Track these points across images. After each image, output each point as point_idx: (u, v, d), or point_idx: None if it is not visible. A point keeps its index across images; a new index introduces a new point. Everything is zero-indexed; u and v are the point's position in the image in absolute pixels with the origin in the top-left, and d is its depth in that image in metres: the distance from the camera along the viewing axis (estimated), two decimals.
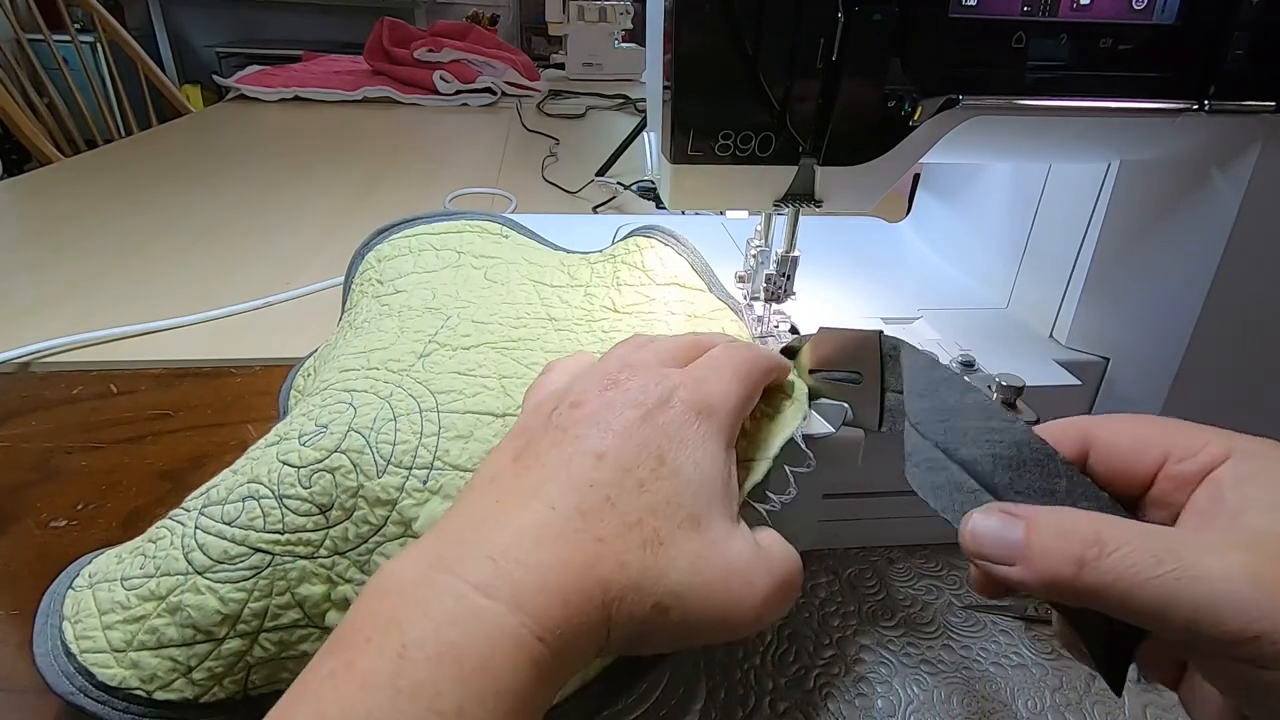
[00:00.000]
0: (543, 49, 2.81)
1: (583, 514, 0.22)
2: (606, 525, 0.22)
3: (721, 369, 0.27)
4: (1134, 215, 0.38)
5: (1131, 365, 0.39)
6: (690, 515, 0.23)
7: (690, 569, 0.22)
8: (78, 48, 1.50)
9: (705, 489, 0.24)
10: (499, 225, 0.47)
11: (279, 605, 0.27)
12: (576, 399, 0.25)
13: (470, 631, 0.19)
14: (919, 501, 0.26)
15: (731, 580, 0.23)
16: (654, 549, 0.22)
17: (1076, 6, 0.30)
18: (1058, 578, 0.19)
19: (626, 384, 0.26)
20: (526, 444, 0.25)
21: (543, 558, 0.20)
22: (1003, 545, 0.21)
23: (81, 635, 0.26)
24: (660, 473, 0.23)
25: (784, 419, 0.30)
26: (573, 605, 0.20)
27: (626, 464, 0.23)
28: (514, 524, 0.21)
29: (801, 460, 0.29)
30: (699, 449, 0.24)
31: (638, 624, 0.21)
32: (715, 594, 0.22)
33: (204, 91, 3.11)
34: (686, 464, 0.24)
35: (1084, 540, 0.19)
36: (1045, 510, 0.21)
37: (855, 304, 0.45)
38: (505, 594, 0.19)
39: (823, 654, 0.33)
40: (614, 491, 0.22)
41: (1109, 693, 0.32)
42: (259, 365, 0.53)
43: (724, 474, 0.25)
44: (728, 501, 0.24)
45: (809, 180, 0.33)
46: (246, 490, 0.28)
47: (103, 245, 0.73)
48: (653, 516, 0.22)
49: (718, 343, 0.31)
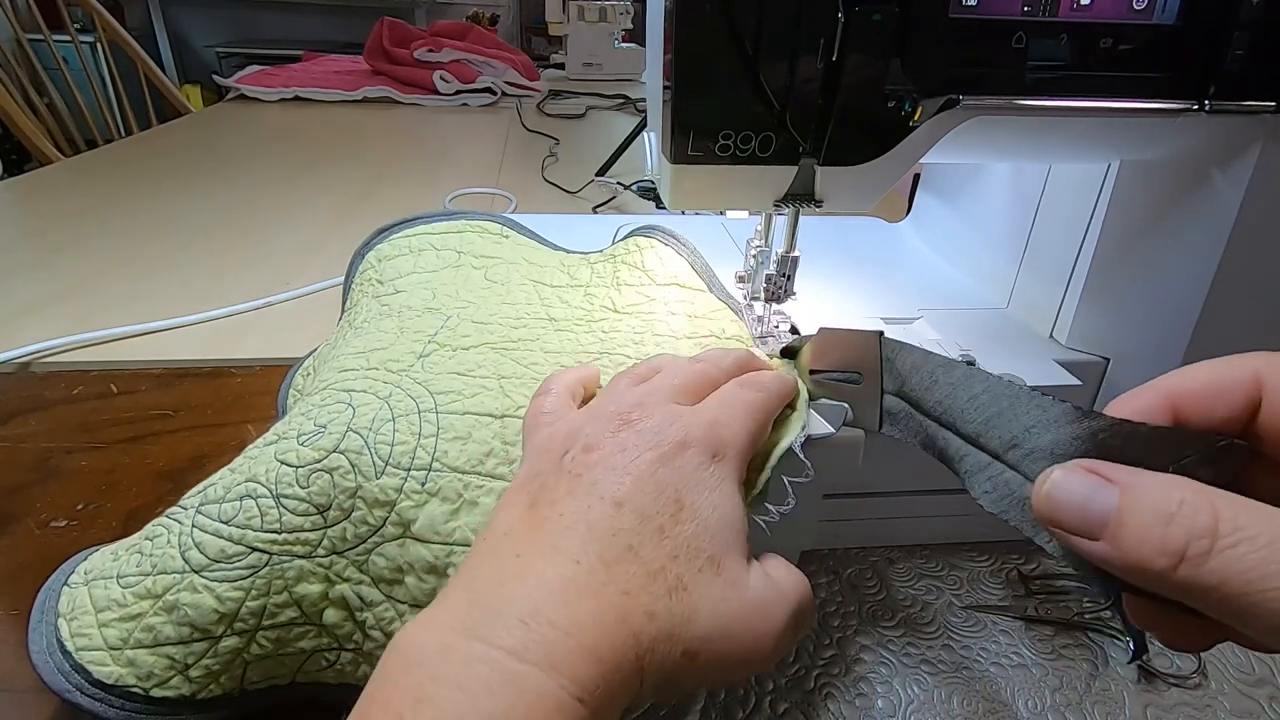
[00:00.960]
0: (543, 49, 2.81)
1: (607, 565, 0.21)
2: (631, 577, 0.21)
3: (734, 408, 0.27)
4: (1134, 215, 0.38)
5: (1131, 365, 0.39)
6: (710, 558, 0.23)
7: (713, 613, 0.22)
8: (78, 48, 1.50)
9: (723, 531, 0.24)
10: (499, 225, 0.47)
11: (276, 604, 0.27)
12: (589, 442, 0.25)
13: (509, 700, 0.18)
14: (919, 501, 0.26)
15: (752, 618, 0.23)
16: (679, 596, 0.22)
17: (1076, 6, 0.30)
18: (1148, 568, 0.16)
19: (639, 425, 0.25)
20: (540, 491, 0.24)
21: (574, 616, 0.20)
22: (1086, 515, 0.18)
23: (77, 633, 0.26)
24: (679, 517, 0.23)
25: (785, 430, 0.30)
26: (607, 662, 0.20)
27: (646, 510, 0.23)
28: (539, 582, 0.21)
29: (800, 470, 0.29)
30: (715, 491, 0.24)
31: (669, 671, 0.21)
32: (738, 633, 0.22)
33: (204, 91, 3.11)
34: (704, 507, 0.24)
35: (1191, 530, 0.16)
36: (1149, 478, 0.17)
37: (855, 304, 0.45)
38: (540, 657, 0.19)
39: (823, 654, 0.33)
40: (635, 540, 0.22)
41: (1109, 693, 0.32)
42: (259, 365, 0.53)
43: (740, 513, 0.25)
44: (742, 540, 0.24)
45: (809, 180, 0.33)
46: (244, 489, 0.28)
47: (103, 245, 0.73)
48: (674, 563, 0.22)
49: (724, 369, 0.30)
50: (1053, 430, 0.22)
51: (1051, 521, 0.19)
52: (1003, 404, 0.24)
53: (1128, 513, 0.17)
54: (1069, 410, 0.22)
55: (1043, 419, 0.22)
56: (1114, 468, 0.18)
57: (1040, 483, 0.19)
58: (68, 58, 1.42)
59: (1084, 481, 0.18)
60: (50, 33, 1.45)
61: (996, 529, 0.38)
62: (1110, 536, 0.17)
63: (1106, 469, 0.18)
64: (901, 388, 0.30)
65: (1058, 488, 0.18)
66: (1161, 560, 0.16)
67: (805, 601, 0.25)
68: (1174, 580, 0.16)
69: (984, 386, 0.26)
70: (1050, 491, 0.19)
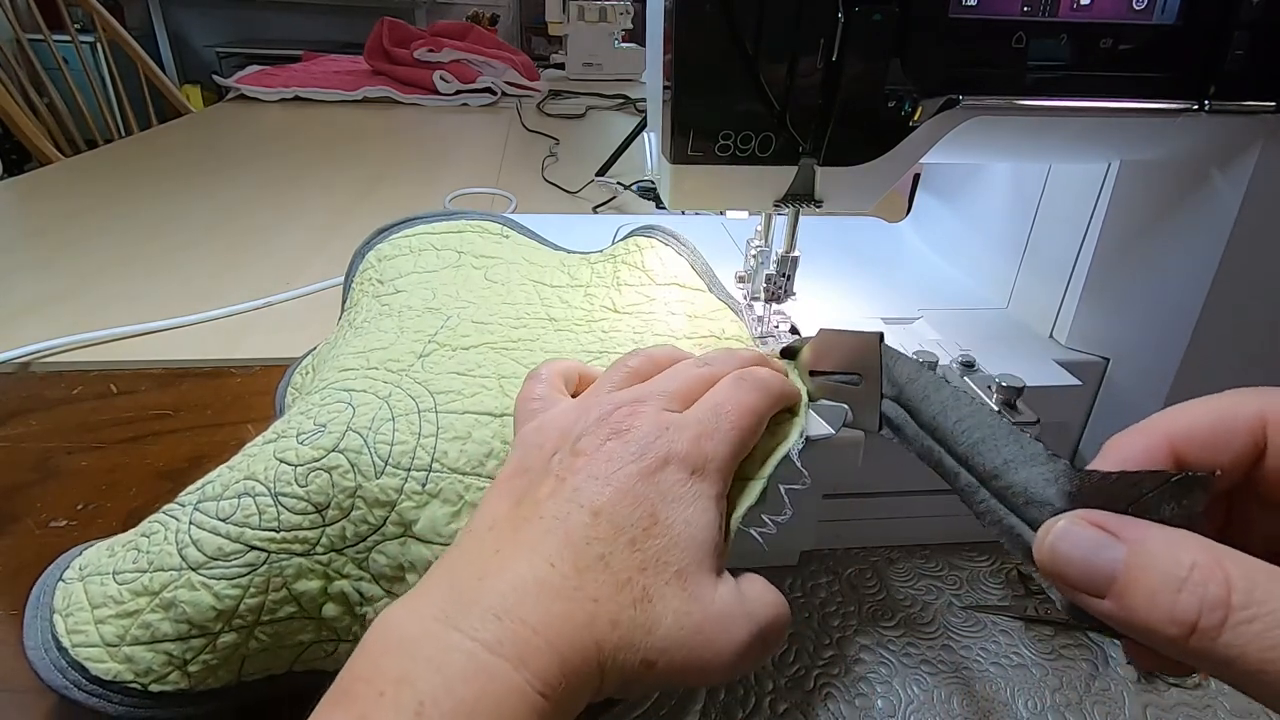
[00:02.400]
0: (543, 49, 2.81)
1: (579, 572, 0.22)
2: (600, 585, 0.22)
3: (723, 418, 0.27)
4: (1134, 215, 0.38)
5: (1131, 365, 0.39)
6: (678, 571, 0.23)
7: (674, 624, 0.23)
8: (78, 48, 1.50)
9: (693, 546, 0.24)
10: (499, 225, 0.47)
11: (275, 601, 0.27)
12: (576, 446, 0.26)
13: (481, 688, 0.19)
14: (919, 501, 0.26)
15: (712, 632, 0.23)
16: (643, 607, 0.23)
17: (1076, 6, 0.30)
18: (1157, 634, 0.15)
19: (627, 435, 0.26)
20: (526, 489, 0.25)
21: (543, 617, 0.21)
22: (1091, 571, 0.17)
23: (73, 629, 0.26)
24: (652, 531, 0.24)
25: (780, 437, 0.30)
26: (570, 663, 0.21)
27: (621, 523, 0.24)
28: (515, 580, 0.22)
29: (796, 477, 0.29)
30: (690, 506, 0.25)
31: (626, 676, 0.22)
32: (696, 646, 0.23)
33: (204, 91, 3.11)
34: (678, 522, 0.24)
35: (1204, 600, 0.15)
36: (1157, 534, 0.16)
37: (855, 304, 0.45)
38: (511, 652, 0.20)
39: (823, 654, 0.33)
40: (607, 550, 0.23)
41: (1109, 693, 0.32)
42: (259, 365, 0.53)
43: (712, 529, 0.25)
44: (713, 555, 0.25)
45: (809, 180, 0.33)
46: (242, 487, 0.28)
47: (103, 245, 0.73)
48: (642, 574, 0.23)
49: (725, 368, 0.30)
50: (1025, 468, 0.22)
51: (1054, 575, 0.18)
52: (985, 431, 0.25)
53: (1135, 572, 0.16)
54: (1041, 451, 0.22)
55: (1020, 455, 0.23)
56: (1120, 520, 0.17)
57: (1043, 534, 0.18)
58: (68, 58, 1.42)
59: (1088, 536, 0.17)
60: (50, 33, 1.45)
61: None
62: (1116, 596, 0.16)
63: (1111, 522, 0.17)
64: (900, 394, 0.30)
65: (1062, 540, 0.18)
66: (1172, 629, 0.15)
67: (775, 621, 0.25)
68: (1185, 648, 0.15)
69: (969, 410, 0.26)
70: (1054, 544, 0.18)
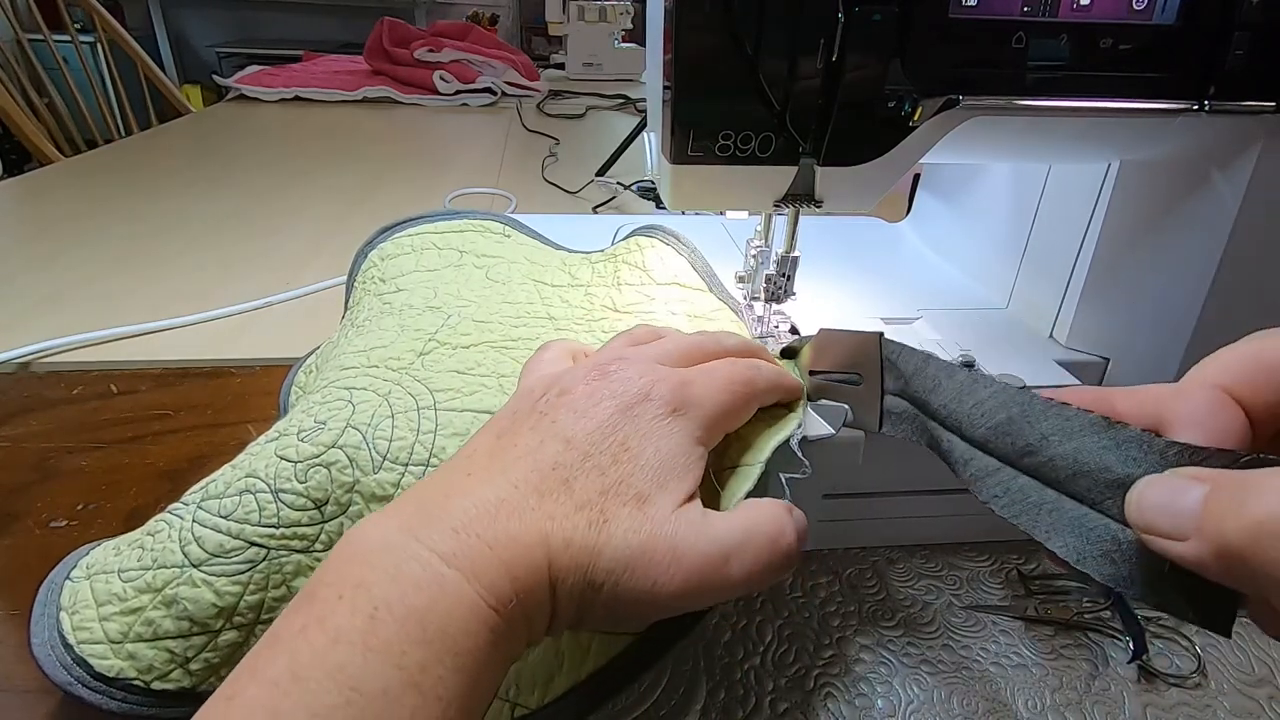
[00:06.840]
0: (543, 49, 2.81)
1: (540, 494, 0.23)
2: (559, 505, 0.23)
3: (714, 377, 0.28)
4: (1134, 215, 0.38)
5: (1131, 365, 0.39)
6: (638, 494, 0.23)
7: (622, 544, 0.22)
8: (78, 48, 1.50)
9: (660, 472, 0.24)
10: (502, 225, 0.47)
11: (274, 598, 0.27)
12: (564, 387, 0.26)
13: (432, 597, 0.20)
14: (919, 501, 0.26)
15: (659, 554, 0.23)
16: (599, 528, 0.23)
17: (1076, 7, 0.30)
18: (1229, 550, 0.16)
19: (613, 376, 0.26)
20: (510, 425, 0.26)
21: (497, 533, 0.21)
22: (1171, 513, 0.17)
23: (79, 626, 0.26)
24: (620, 458, 0.24)
25: (779, 425, 0.30)
26: (521, 581, 0.21)
27: (590, 451, 0.24)
28: (477, 499, 0.22)
29: (797, 467, 0.29)
30: (664, 439, 0.25)
31: (577, 600, 0.22)
32: (640, 568, 0.22)
33: (204, 91, 3.11)
34: (647, 449, 0.24)
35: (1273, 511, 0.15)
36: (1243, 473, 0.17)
37: (855, 304, 0.45)
38: (465, 564, 0.21)
39: (823, 654, 0.33)
40: (572, 474, 0.23)
41: (1109, 693, 0.32)
42: (259, 365, 0.53)
43: (684, 460, 0.25)
44: (682, 484, 0.24)
45: (809, 180, 0.33)
46: (243, 485, 0.28)
47: (103, 245, 0.73)
48: (602, 498, 0.23)
49: (724, 346, 0.30)
50: (1074, 439, 0.22)
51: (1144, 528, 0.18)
52: (1013, 410, 0.24)
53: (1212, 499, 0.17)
54: (1094, 420, 0.22)
55: (1065, 427, 0.23)
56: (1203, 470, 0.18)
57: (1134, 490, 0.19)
58: (68, 58, 1.42)
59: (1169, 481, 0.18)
60: (50, 33, 1.45)
61: (996, 529, 0.38)
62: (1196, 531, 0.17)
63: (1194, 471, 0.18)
64: (905, 388, 0.30)
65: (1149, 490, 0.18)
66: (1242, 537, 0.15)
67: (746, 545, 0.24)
68: None
69: (989, 392, 0.26)
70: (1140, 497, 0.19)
